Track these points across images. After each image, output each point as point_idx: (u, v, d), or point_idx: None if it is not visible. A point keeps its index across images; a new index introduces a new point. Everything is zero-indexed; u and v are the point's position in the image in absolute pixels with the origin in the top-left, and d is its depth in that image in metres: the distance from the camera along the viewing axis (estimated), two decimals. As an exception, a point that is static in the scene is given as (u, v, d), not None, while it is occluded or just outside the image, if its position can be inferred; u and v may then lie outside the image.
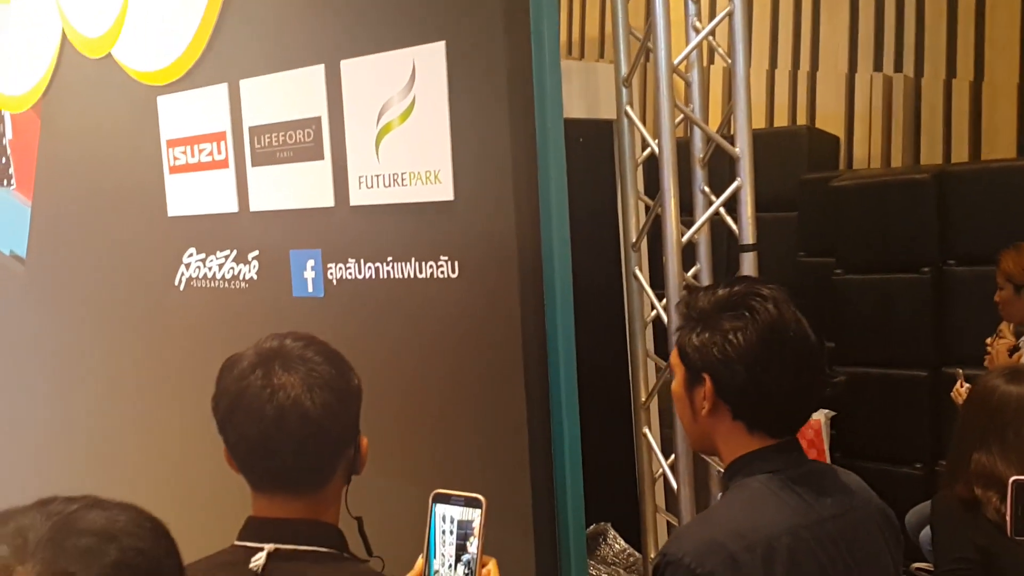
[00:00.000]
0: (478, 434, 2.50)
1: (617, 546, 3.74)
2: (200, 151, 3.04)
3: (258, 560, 1.24)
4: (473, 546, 1.24)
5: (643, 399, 2.92)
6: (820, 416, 3.70)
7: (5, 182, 4.18)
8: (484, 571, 1.25)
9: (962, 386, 3.14)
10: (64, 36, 3.51)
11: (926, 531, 3.20)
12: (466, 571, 1.24)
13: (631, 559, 3.70)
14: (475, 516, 1.24)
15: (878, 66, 4.63)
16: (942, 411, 3.52)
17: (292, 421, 1.25)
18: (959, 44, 4.46)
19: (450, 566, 1.25)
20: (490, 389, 2.45)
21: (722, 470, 1.43)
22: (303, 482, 1.29)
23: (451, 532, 1.25)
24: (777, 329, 1.32)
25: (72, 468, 3.83)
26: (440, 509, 1.26)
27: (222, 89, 2.92)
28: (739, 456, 1.37)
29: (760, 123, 4.66)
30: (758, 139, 2.72)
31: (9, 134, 4.07)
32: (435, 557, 1.26)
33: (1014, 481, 1.29)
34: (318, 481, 1.30)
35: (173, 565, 0.79)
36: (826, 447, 3.72)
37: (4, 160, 4.17)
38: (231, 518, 1.39)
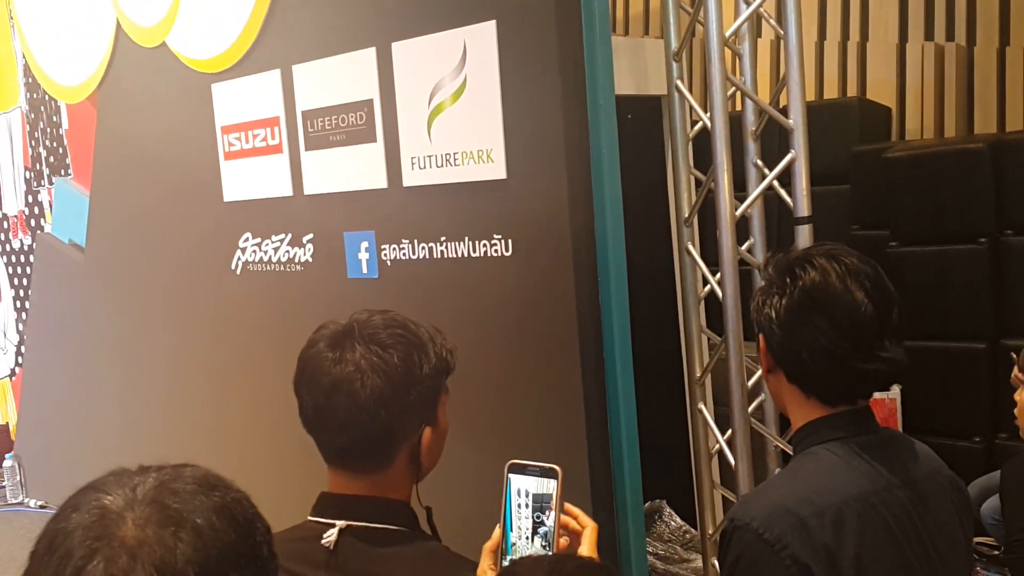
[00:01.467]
0: (534, 411, 2.52)
1: (673, 523, 3.75)
2: (254, 136, 3.08)
3: (330, 536, 1.24)
4: (550, 518, 1.21)
5: (698, 375, 2.92)
6: (895, 395, 3.64)
7: (63, 172, 4.28)
8: (563, 541, 1.22)
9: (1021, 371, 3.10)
10: (119, 26, 3.57)
11: (987, 504, 3.16)
12: (543, 543, 1.22)
13: (687, 536, 3.71)
14: (551, 487, 1.21)
15: (929, 35, 4.54)
16: (1001, 384, 3.47)
17: (340, 400, 1.24)
18: (1012, 11, 4.36)
19: (527, 538, 1.22)
20: (545, 366, 2.47)
21: (777, 445, 1.42)
22: (358, 461, 1.28)
23: (527, 505, 1.23)
24: (814, 296, 1.32)
25: (136, 451, 3.93)
26: (515, 480, 1.24)
27: (275, 75, 2.96)
28: (807, 423, 1.37)
29: (810, 95, 4.59)
30: (809, 112, 2.69)
31: (65, 124, 4.16)
32: (511, 529, 1.23)
33: None
34: (375, 463, 1.29)
35: (264, 526, 0.82)
36: (899, 423, 3.66)
37: (61, 151, 4.27)
38: (301, 494, 1.42)
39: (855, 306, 1.31)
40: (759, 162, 2.68)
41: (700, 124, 2.83)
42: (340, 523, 1.26)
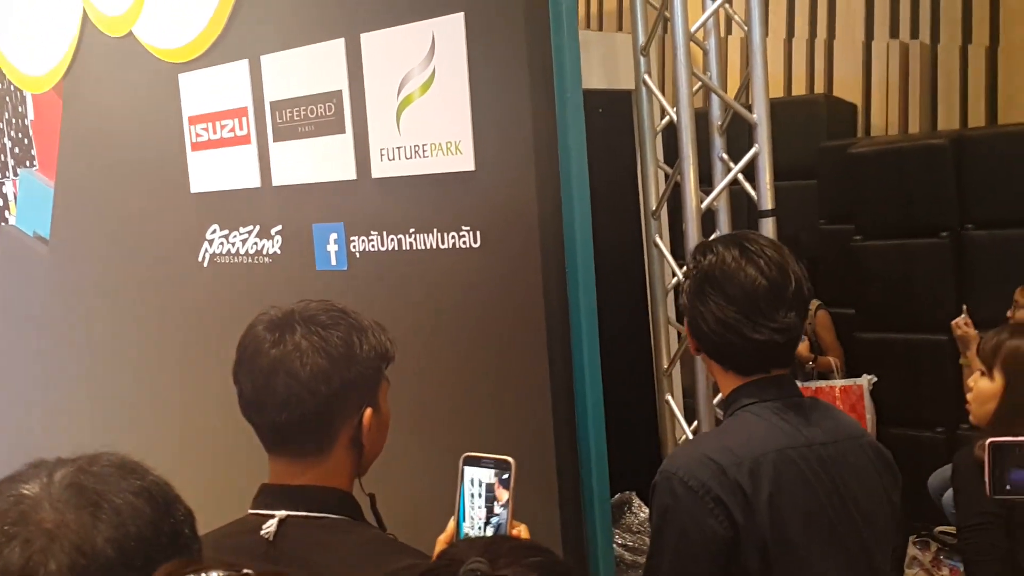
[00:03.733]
0: (501, 403, 2.53)
1: (642, 514, 3.78)
2: (222, 127, 3.07)
3: (269, 528, 1.25)
4: (503, 510, 1.24)
5: (665, 366, 2.95)
6: (863, 382, 3.70)
7: (28, 163, 4.23)
8: (515, 533, 1.25)
9: (964, 321, 3.18)
10: (85, 15, 3.53)
11: (948, 493, 3.22)
12: (496, 533, 1.24)
13: (654, 527, 3.74)
14: (504, 478, 1.25)
15: (894, 33, 4.61)
16: (964, 375, 3.53)
17: (280, 378, 1.26)
18: (974, 10, 4.44)
19: (480, 528, 1.25)
20: (513, 358, 2.48)
21: None
22: (299, 444, 1.29)
23: (480, 495, 1.26)
24: (712, 276, 1.47)
25: (104, 446, 3.89)
26: (469, 472, 1.27)
27: (243, 65, 2.94)
28: (730, 391, 1.51)
29: (778, 92, 4.65)
30: (776, 108, 2.73)
31: (31, 115, 4.11)
32: (465, 520, 1.26)
33: (990, 443, 1.33)
34: (315, 445, 1.29)
35: (185, 508, 0.83)
36: (867, 414, 3.71)
37: (26, 141, 4.22)
38: (254, 490, 1.41)
39: (747, 281, 1.45)
40: (724, 156, 2.72)
41: (668, 118, 2.86)
42: (280, 513, 1.26)
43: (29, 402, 4.48)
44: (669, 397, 2.94)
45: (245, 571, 0.70)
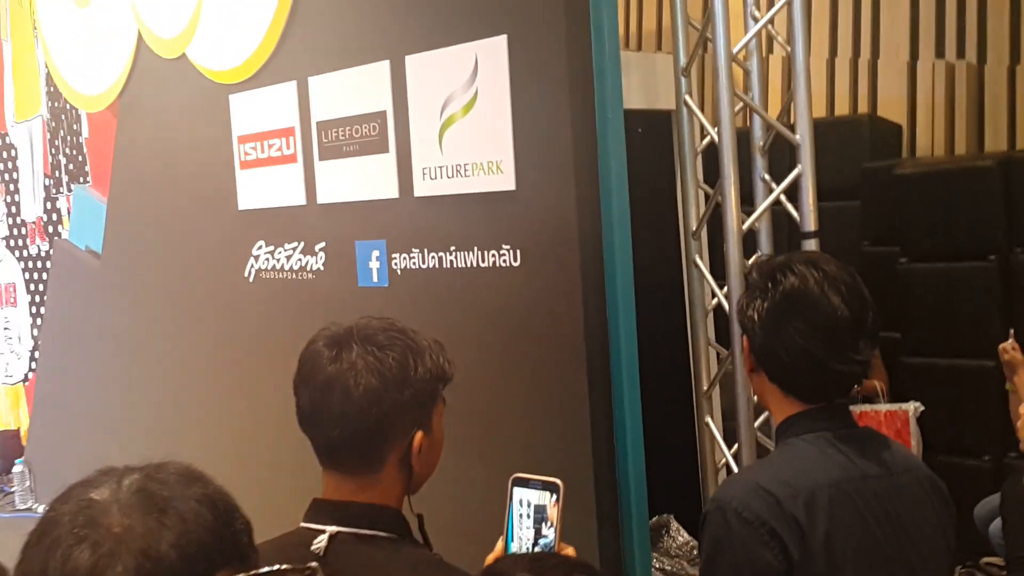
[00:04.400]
0: (541, 422, 2.54)
1: (680, 538, 3.75)
2: (270, 146, 3.14)
3: (320, 543, 1.26)
4: (551, 531, 1.24)
5: (705, 388, 2.94)
6: (909, 407, 3.64)
7: (82, 179, 4.35)
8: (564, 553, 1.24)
9: (1011, 345, 3.11)
10: (140, 37, 3.64)
11: (996, 523, 3.15)
12: None
13: (694, 551, 3.71)
14: (553, 500, 1.25)
15: (940, 53, 4.55)
16: (1010, 402, 3.46)
17: (335, 395, 1.28)
18: (1022, 29, 4.37)
19: (527, 548, 1.25)
20: (552, 377, 2.49)
21: None
22: (350, 460, 1.31)
23: (528, 516, 1.26)
24: (793, 300, 1.40)
25: (148, 458, 3.96)
26: (518, 493, 1.27)
27: (291, 86, 3.01)
28: (786, 418, 1.45)
29: (821, 112, 4.61)
30: (819, 128, 2.72)
31: (86, 133, 4.23)
32: (513, 540, 1.26)
33: None
34: (367, 463, 1.31)
35: (244, 518, 0.86)
36: (912, 440, 3.65)
37: (81, 158, 4.34)
38: (305, 502, 1.44)
39: (831, 310, 1.39)
40: (767, 176, 2.71)
41: (708, 138, 2.86)
42: (331, 529, 1.28)
43: (75, 412, 4.58)
44: (709, 419, 2.93)
45: (310, 564, 0.72)
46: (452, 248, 2.63)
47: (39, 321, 4.94)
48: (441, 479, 1.43)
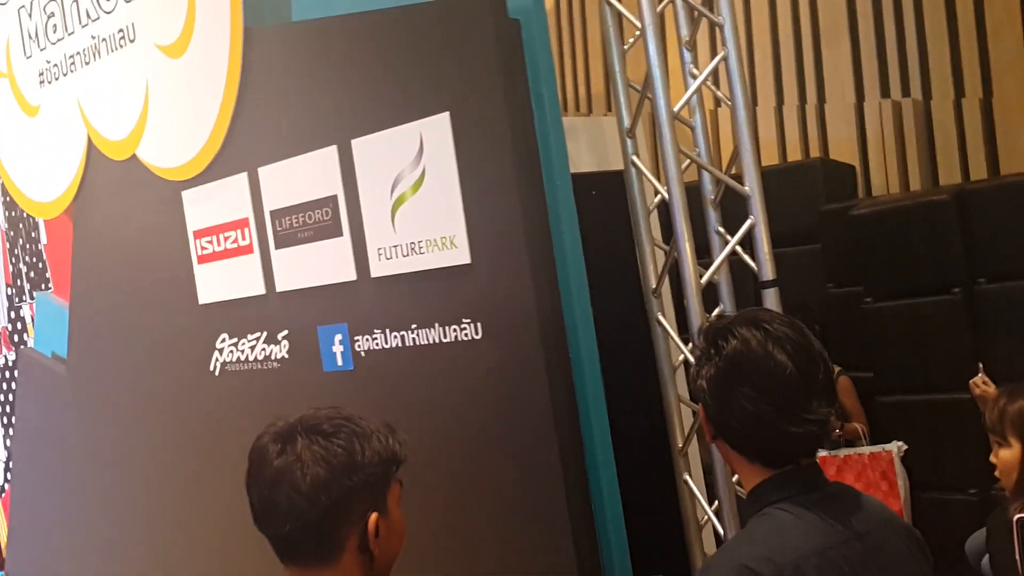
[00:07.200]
0: (514, 493, 2.50)
1: (670, 598, 3.67)
2: (226, 239, 3.13)
3: None
4: None
5: (680, 445, 2.90)
6: (892, 448, 3.62)
7: (43, 286, 4.31)
8: None
9: (981, 380, 3.10)
10: (90, 141, 3.65)
11: (988, 557, 3.11)
12: None
13: (686, 610, 3.63)
14: None
15: (885, 92, 4.66)
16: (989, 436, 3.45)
17: (283, 490, 1.29)
18: (964, 63, 4.48)
19: None
20: (522, 447, 2.46)
21: None
22: (307, 554, 1.31)
23: None
24: (737, 363, 1.36)
25: (125, 560, 3.86)
26: None
27: (242, 178, 3.02)
28: (755, 486, 1.40)
29: (773, 159, 4.69)
30: (772, 175, 2.75)
31: (44, 240, 4.21)
32: None
33: (1018, 520, 1.26)
34: (325, 555, 1.31)
35: None
36: (899, 480, 3.62)
37: (41, 265, 4.31)
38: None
39: (778, 369, 1.35)
40: (721, 229, 2.73)
41: (660, 196, 2.88)
42: None
43: (52, 521, 4.47)
44: (687, 477, 2.89)
45: None
46: (414, 326, 2.62)
47: (11, 431, 4.85)
48: (409, 554, 1.41)
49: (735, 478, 2.66)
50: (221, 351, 3.27)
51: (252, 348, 3.14)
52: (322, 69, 2.77)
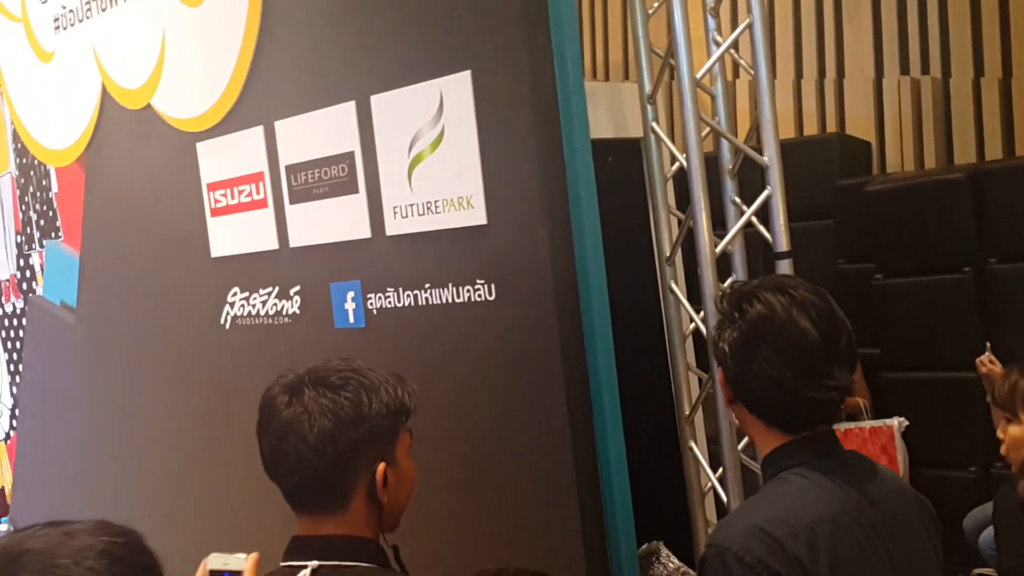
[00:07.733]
0: (521, 456, 2.51)
1: (671, 564, 3.71)
2: (240, 192, 3.12)
3: None
4: None
5: (687, 413, 2.92)
6: (893, 423, 3.64)
7: (53, 235, 4.31)
8: None
9: (988, 359, 3.11)
10: (104, 89, 3.63)
11: (985, 534, 3.14)
12: None
13: (686, 576, 3.67)
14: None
15: (904, 69, 4.62)
16: (992, 415, 3.47)
17: (291, 441, 1.32)
18: (984, 42, 4.44)
19: None
20: (532, 409, 2.47)
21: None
22: (317, 502, 1.34)
23: None
24: (761, 327, 1.37)
25: (132, 511, 3.90)
26: None
27: (258, 131, 3.00)
28: (771, 451, 1.42)
29: (789, 133, 4.66)
30: (788, 149, 2.74)
31: (55, 188, 4.20)
32: None
33: None
34: (333, 502, 1.34)
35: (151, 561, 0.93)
36: (899, 455, 3.64)
37: (51, 214, 4.31)
38: (281, 548, 1.43)
39: (800, 335, 1.36)
40: (737, 199, 2.72)
41: (678, 164, 2.87)
42: (312, 563, 1.30)
43: (58, 468, 4.51)
44: (693, 444, 2.91)
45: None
46: (427, 285, 2.62)
47: (18, 379, 4.88)
48: (419, 512, 1.42)
49: (740, 446, 2.68)
50: (232, 305, 3.28)
51: (263, 303, 3.14)
52: (342, 23, 2.75)
